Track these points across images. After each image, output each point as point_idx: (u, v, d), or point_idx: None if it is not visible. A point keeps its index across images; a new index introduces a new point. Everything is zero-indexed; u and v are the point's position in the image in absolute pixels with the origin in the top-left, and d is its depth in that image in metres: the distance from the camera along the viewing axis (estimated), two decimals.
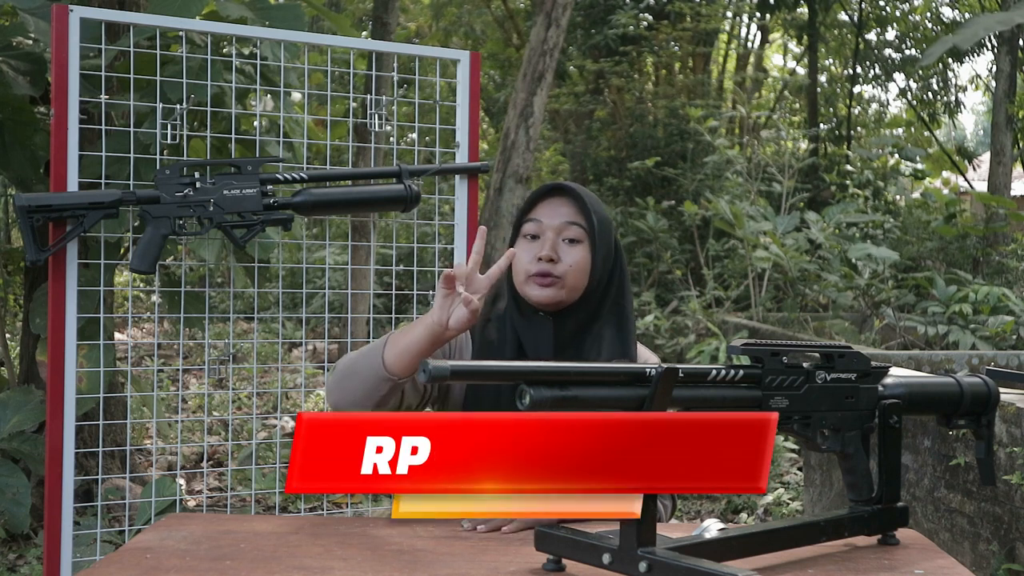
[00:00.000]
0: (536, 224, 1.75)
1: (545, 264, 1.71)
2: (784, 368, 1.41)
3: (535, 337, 1.72)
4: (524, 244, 1.76)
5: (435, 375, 1.17)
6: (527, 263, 1.73)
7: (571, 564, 1.32)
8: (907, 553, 1.47)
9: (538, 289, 1.72)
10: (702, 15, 12.01)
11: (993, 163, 9.16)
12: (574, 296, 1.74)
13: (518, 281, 1.75)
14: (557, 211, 1.75)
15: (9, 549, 3.64)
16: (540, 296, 1.72)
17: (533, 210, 1.77)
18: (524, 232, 1.76)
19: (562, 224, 1.74)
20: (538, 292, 1.72)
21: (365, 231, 4.96)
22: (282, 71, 2.72)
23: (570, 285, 1.73)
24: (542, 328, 1.73)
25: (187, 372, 6.73)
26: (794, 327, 7.31)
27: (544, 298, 1.72)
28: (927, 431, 3.23)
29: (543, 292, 1.72)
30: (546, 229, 1.74)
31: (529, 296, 1.73)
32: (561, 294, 1.73)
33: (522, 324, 1.74)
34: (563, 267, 1.72)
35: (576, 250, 1.74)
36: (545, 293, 1.72)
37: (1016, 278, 7.62)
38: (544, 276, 1.71)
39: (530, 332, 1.73)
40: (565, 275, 1.72)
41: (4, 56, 3.07)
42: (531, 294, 1.73)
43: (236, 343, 6.68)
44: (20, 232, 2.43)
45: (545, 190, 1.78)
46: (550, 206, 1.76)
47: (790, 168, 9.28)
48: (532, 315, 1.74)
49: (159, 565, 1.35)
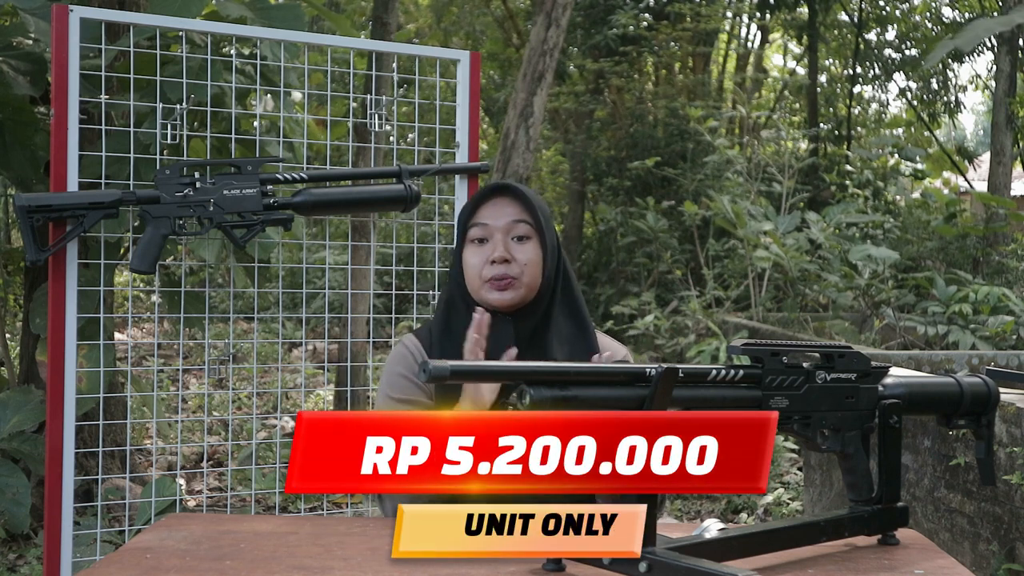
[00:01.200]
0: (482, 228, 1.73)
1: (500, 266, 1.71)
2: (784, 368, 1.41)
3: (497, 339, 1.70)
4: (473, 249, 1.74)
5: (435, 375, 1.17)
6: (480, 268, 1.72)
7: (571, 564, 1.32)
8: (907, 553, 1.46)
9: (497, 293, 1.71)
10: (702, 15, 12.01)
11: (993, 163, 9.16)
12: (531, 294, 1.74)
13: (473, 287, 1.73)
14: (502, 211, 1.74)
15: (9, 549, 3.64)
16: (500, 300, 1.71)
17: (476, 214, 1.75)
18: (471, 237, 1.74)
19: (509, 223, 1.73)
20: (497, 296, 1.71)
21: (365, 231, 4.96)
22: (282, 71, 2.72)
23: (527, 283, 1.73)
24: (503, 330, 1.72)
25: (187, 372, 6.73)
26: (794, 327, 7.31)
27: (504, 301, 1.71)
28: (927, 431, 3.23)
29: (503, 295, 1.71)
30: (494, 231, 1.73)
31: (488, 301, 1.72)
32: (520, 293, 1.72)
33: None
34: (518, 266, 1.72)
35: (527, 247, 1.73)
36: (505, 296, 1.71)
37: (1016, 278, 7.62)
38: (501, 279, 1.71)
39: (491, 335, 1.69)
40: (521, 274, 1.72)
41: (4, 56, 3.07)
42: (490, 298, 1.72)
43: (236, 343, 6.68)
44: (20, 232, 2.43)
45: (486, 192, 1.77)
46: (493, 207, 1.74)
47: (790, 168, 9.28)
48: (494, 322, 1.72)
49: (159, 565, 1.35)
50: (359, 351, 4.97)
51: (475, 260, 1.73)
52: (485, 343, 1.60)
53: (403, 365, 1.75)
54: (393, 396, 1.74)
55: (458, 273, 1.77)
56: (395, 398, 1.74)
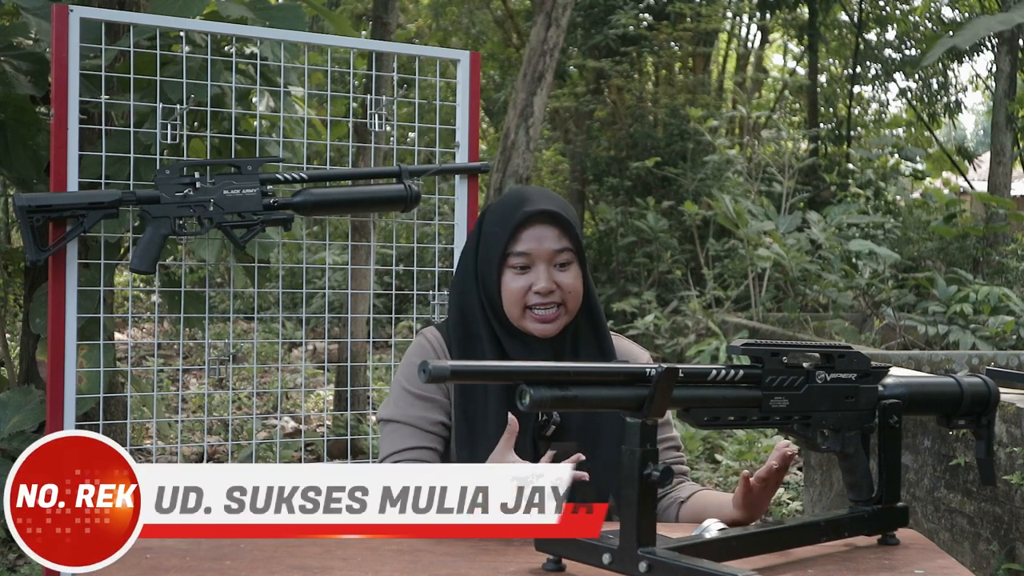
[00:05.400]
0: (524, 256, 1.71)
1: (545, 297, 1.69)
2: (784, 368, 1.41)
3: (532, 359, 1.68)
4: (513, 275, 1.71)
5: (435, 375, 1.17)
6: (522, 295, 1.70)
7: (571, 564, 1.32)
8: (907, 553, 1.47)
9: (540, 325, 1.70)
10: (702, 15, 12.00)
11: (993, 163, 9.15)
12: (571, 319, 1.74)
13: (515, 315, 1.71)
14: (543, 236, 1.71)
15: (9, 549, 3.64)
16: (544, 331, 1.71)
17: (516, 239, 1.71)
18: (511, 264, 1.71)
19: (552, 252, 1.71)
20: (540, 327, 1.70)
21: (365, 231, 4.96)
22: (282, 71, 2.72)
23: (571, 309, 1.73)
24: (540, 352, 1.71)
25: (187, 372, 6.73)
26: (794, 327, 7.31)
27: (547, 332, 1.71)
28: (927, 431, 3.23)
29: (547, 327, 1.70)
30: (536, 260, 1.71)
31: (530, 330, 1.71)
32: (563, 322, 1.72)
33: (518, 348, 1.72)
34: (562, 295, 1.71)
35: (569, 273, 1.72)
36: (548, 328, 1.71)
37: (1016, 278, 7.62)
38: (546, 309, 1.70)
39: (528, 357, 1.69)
40: (566, 302, 1.71)
41: (6, 56, 3.07)
42: (532, 328, 1.71)
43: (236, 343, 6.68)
44: (20, 232, 2.43)
45: (524, 218, 1.71)
46: (534, 233, 1.71)
47: (790, 168, 9.28)
48: (526, 338, 1.72)
49: (159, 565, 1.35)
50: (359, 351, 4.97)
51: (516, 286, 1.70)
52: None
53: (422, 357, 1.75)
54: (408, 388, 1.74)
55: (493, 294, 1.72)
56: (409, 391, 1.73)
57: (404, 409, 1.72)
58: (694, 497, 1.74)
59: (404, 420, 1.72)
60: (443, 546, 1.44)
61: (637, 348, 1.87)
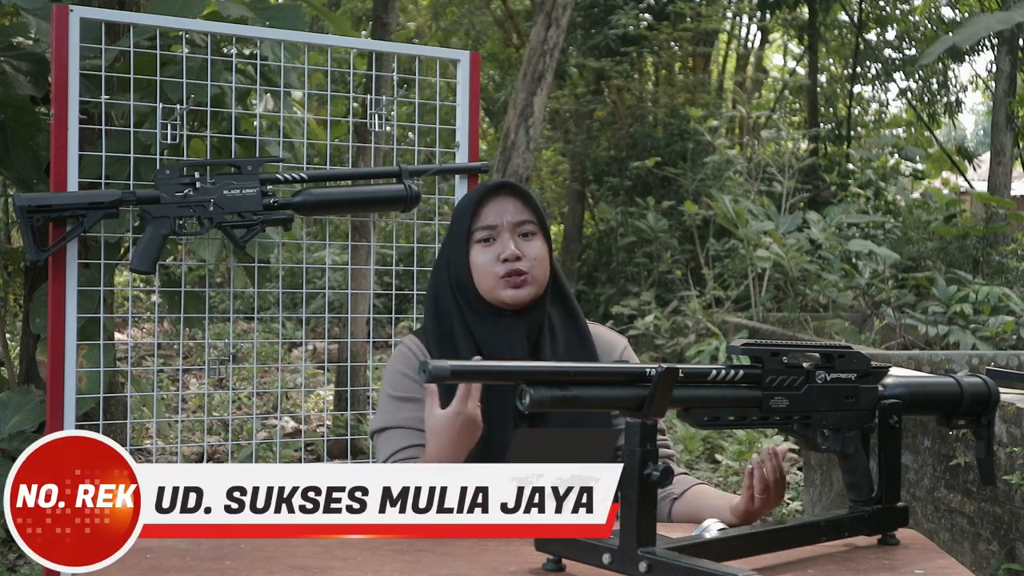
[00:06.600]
0: (488, 229, 1.74)
1: (512, 263, 1.71)
2: (784, 368, 1.41)
3: (509, 340, 1.71)
4: (480, 248, 1.74)
5: (435, 375, 1.17)
6: (492, 266, 1.71)
7: (571, 564, 1.32)
8: (907, 553, 1.47)
9: (512, 290, 1.71)
10: (702, 15, 12.00)
11: (993, 163, 9.15)
12: (540, 291, 1.75)
13: (486, 287, 1.73)
14: (504, 209, 1.75)
15: (9, 549, 3.64)
16: (515, 296, 1.71)
17: (479, 215, 1.75)
18: (477, 238, 1.74)
19: (514, 221, 1.74)
20: (512, 293, 1.71)
21: (365, 231, 4.96)
22: (282, 71, 2.72)
23: (538, 280, 1.74)
24: (515, 329, 1.72)
25: (187, 372, 6.73)
26: (794, 327, 7.30)
27: (520, 298, 1.71)
28: (927, 431, 3.23)
29: (518, 292, 1.71)
30: (500, 230, 1.74)
31: (503, 299, 1.72)
32: (532, 290, 1.73)
33: (491, 329, 1.72)
34: (528, 262, 1.72)
35: (534, 244, 1.75)
36: (520, 293, 1.71)
37: (1016, 278, 7.61)
38: (515, 275, 1.71)
39: (502, 336, 1.71)
40: (532, 269, 1.73)
41: (6, 56, 3.06)
42: (505, 297, 1.72)
43: (236, 343, 6.68)
44: (20, 232, 2.43)
45: (485, 191, 1.77)
46: (496, 206, 1.75)
47: (790, 168, 9.27)
48: (499, 318, 1.73)
49: (159, 565, 1.35)
50: (359, 351, 4.97)
51: (484, 259, 1.73)
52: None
53: (405, 364, 1.76)
54: (394, 395, 1.74)
55: (462, 273, 1.75)
56: (396, 396, 1.74)
57: (393, 415, 1.73)
58: (688, 494, 1.74)
59: (396, 424, 1.72)
60: (443, 546, 1.44)
61: (613, 334, 1.88)
